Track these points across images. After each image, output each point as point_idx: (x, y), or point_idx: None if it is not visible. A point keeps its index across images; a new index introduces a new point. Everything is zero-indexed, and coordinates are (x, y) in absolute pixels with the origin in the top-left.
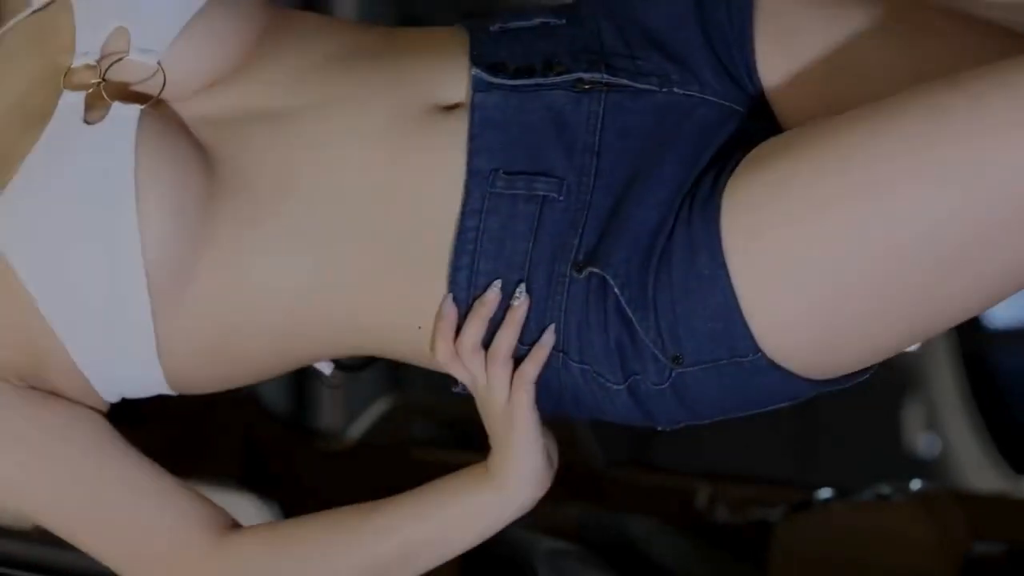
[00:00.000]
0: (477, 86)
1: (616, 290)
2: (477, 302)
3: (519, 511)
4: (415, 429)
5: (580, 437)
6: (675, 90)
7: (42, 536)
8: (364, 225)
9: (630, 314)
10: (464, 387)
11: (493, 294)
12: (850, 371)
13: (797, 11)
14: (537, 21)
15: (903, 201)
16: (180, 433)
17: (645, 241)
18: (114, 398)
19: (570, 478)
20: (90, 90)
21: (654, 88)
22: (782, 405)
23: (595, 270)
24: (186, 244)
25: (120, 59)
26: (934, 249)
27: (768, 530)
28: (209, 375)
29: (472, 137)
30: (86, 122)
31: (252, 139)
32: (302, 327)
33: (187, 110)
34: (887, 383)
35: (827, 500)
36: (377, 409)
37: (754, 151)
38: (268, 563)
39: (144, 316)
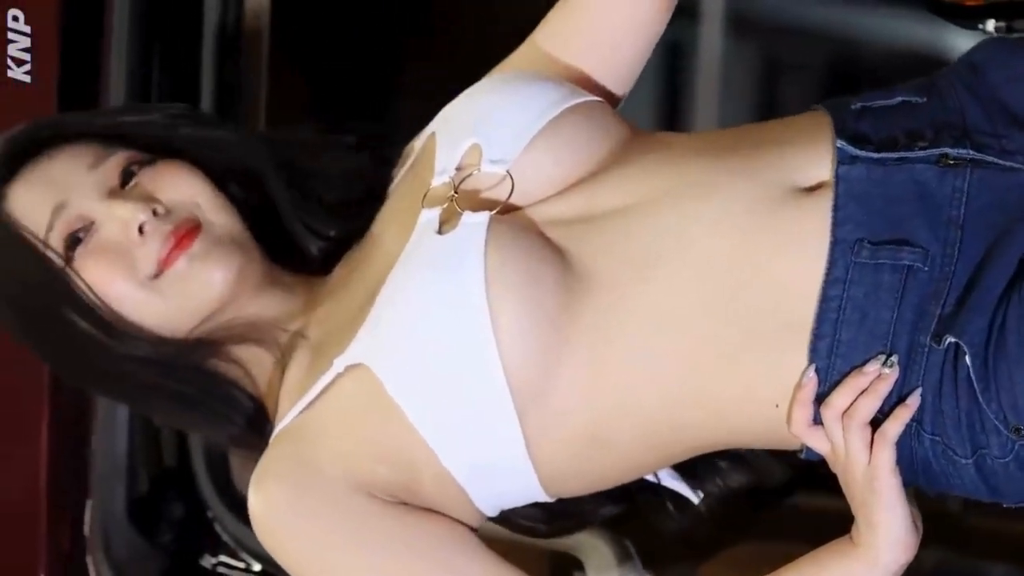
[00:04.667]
0: (842, 159)
1: (968, 360)
2: (855, 371)
3: None
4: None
5: None
6: None
7: None
8: (721, 306)
9: (975, 385)
10: (811, 451)
11: (874, 367)
12: None
13: None
14: (898, 99)
15: None
16: None
17: (991, 312)
18: (492, 511)
19: (926, 523)
20: (445, 205)
21: (1019, 167)
22: None
23: (952, 339)
24: (546, 337)
25: (472, 173)
26: None
27: None
28: (581, 469)
29: (837, 208)
30: (439, 234)
31: (605, 232)
32: (666, 410)
33: (537, 214)
34: None
35: None
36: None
37: None
38: None
39: (510, 415)
